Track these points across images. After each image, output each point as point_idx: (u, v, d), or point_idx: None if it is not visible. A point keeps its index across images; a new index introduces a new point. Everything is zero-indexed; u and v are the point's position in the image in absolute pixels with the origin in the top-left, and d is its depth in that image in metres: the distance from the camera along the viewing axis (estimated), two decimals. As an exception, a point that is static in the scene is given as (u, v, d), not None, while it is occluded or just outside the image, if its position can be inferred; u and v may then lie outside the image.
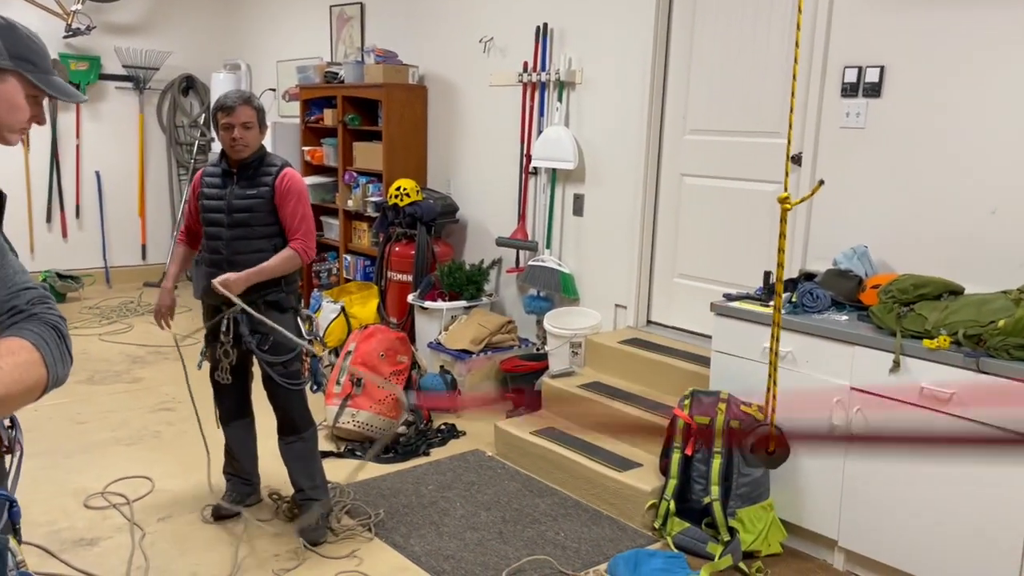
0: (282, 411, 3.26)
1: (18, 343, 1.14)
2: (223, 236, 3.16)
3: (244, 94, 3.16)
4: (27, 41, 1.52)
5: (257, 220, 3.13)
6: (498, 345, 4.84)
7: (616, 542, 3.29)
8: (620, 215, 4.54)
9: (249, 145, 3.12)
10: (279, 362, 3.17)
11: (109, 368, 5.28)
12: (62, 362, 1.20)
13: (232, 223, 3.14)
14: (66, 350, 1.22)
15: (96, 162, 7.48)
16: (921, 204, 3.33)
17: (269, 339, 3.15)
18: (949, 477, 2.79)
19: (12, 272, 1.22)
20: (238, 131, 3.08)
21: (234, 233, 3.14)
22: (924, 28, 3.26)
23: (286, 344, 3.15)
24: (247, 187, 3.14)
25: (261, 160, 3.17)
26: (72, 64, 7.15)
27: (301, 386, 3.25)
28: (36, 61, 1.53)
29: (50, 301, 1.24)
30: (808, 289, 3.26)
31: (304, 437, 3.28)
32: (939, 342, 2.77)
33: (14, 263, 1.23)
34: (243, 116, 3.08)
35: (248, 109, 3.10)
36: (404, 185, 5.23)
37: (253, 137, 3.13)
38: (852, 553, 3.11)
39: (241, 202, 3.13)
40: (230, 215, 3.14)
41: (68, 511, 3.43)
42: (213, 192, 3.20)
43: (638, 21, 4.33)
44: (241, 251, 3.13)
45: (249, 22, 7.63)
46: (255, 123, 3.13)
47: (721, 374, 3.42)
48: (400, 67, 5.57)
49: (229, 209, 3.14)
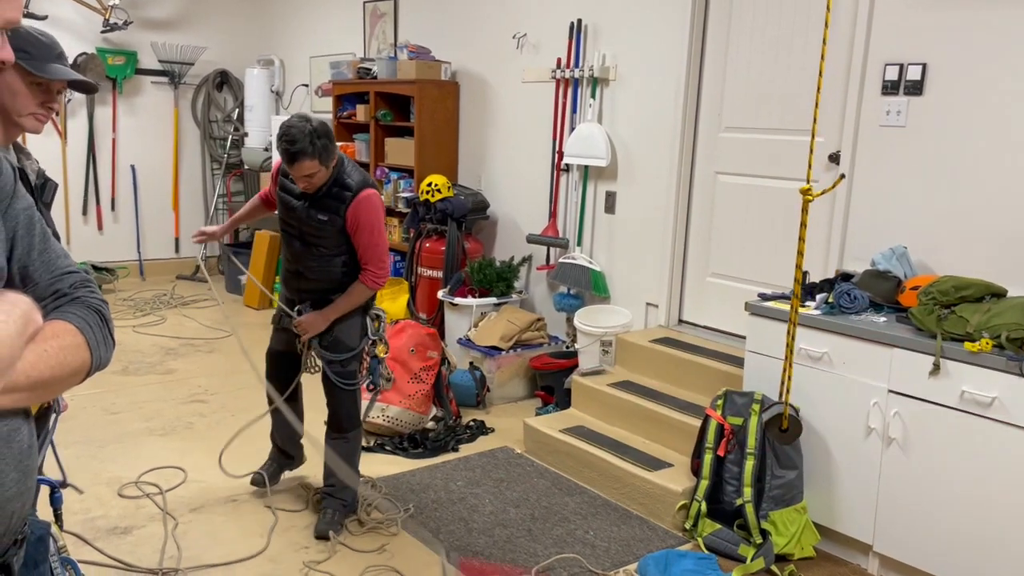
0: (332, 408, 3.27)
1: (62, 326, 1.15)
2: (295, 248, 3.18)
3: (303, 143, 2.88)
4: (27, 36, 1.84)
5: (327, 243, 3.11)
6: (528, 342, 4.82)
7: (646, 542, 3.26)
8: (652, 213, 4.51)
9: (316, 185, 3.03)
10: (337, 360, 3.19)
11: (142, 359, 5.34)
12: (105, 345, 1.21)
13: (304, 240, 3.14)
14: (108, 333, 1.23)
15: (131, 156, 7.58)
16: (962, 204, 3.26)
17: (331, 336, 3.17)
18: (991, 482, 2.73)
19: (55, 256, 1.23)
20: (303, 181, 3.01)
21: (306, 250, 3.15)
22: (967, 25, 3.19)
23: (346, 343, 3.18)
24: (320, 211, 3.07)
25: (335, 182, 3.06)
26: (109, 59, 7.24)
27: (355, 386, 3.25)
28: (32, 52, 1.84)
29: (92, 285, 1.26)
30: (845, 290, 3.21)
31: (348, 437, 3.29)
32: (981, 345, 2.72)
33: (57, 248, 1.25)
34: (304, 171, 2.95)
35: (307, 163, 2.92)
36: (435, 181, 5.24)
37: (320, 178, 3.02)
38: (887, 558, 3.05)
39: (312, 225, 3.10)
40: (301, 230, 3.14)
41: (103, 500, 3.47)
42: (289, 200, 3.14)
43: (673, 17, 4.29)
44: (312, 265, 3.16)
45: (283, 18, 7.68)
46: (318, 166, 2.97)
47: (755, 374, 3.38)
48: (433, 63, 5.57)
49: (300, 226, 3.13)
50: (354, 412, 3.29)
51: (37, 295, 1.17)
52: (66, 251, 1.27)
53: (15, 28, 1.81)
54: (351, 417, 3.28)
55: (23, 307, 1.07)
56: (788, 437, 3.10)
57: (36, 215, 1.23)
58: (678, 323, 4.52)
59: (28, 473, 1.14)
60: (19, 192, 1.20)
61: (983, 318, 2.79)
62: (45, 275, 1.21)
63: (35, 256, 1.21)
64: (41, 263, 1.21)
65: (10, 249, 1.18)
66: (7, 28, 1.12)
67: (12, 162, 1.24)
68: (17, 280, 1.19)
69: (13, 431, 1.10)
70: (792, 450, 3.18)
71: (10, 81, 1.82)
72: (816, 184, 3.37)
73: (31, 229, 1.21)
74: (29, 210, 1.21)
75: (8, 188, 1.18)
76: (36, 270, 1.21)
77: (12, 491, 1.10)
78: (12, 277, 1.18)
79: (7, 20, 1.11)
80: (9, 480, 1.09)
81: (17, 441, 1.11)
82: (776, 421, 3.08)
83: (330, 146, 2.99)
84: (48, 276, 1.21)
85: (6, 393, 1.04)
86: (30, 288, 1.19)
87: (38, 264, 1.21)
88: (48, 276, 1.21)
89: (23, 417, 1.14)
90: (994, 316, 2.77)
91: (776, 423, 3.08)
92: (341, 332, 3.18)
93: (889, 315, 3.16)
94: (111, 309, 1.31)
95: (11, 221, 1.18)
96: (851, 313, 3.17)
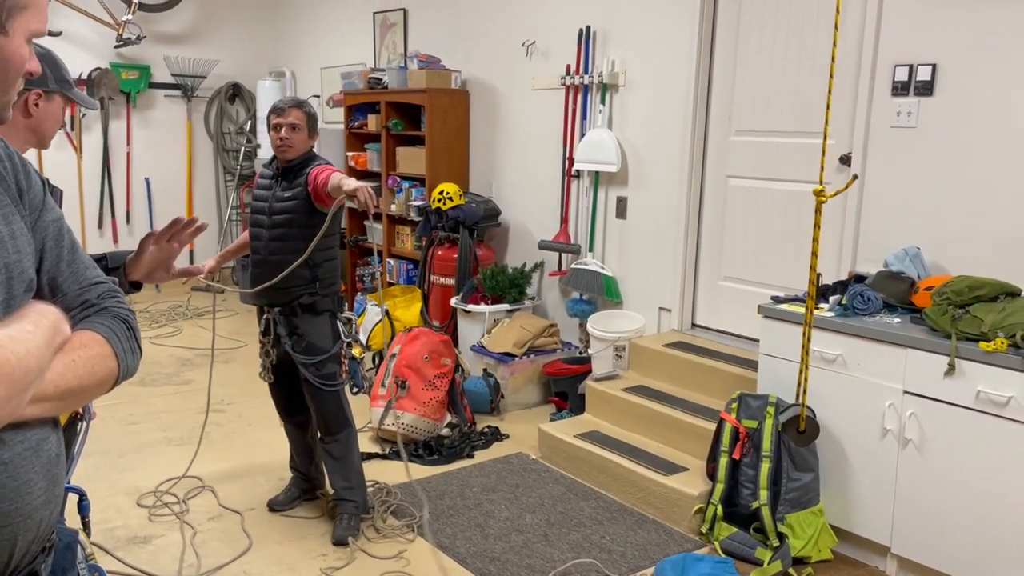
0: (316, 412, 3.30)
1: (90, 336, 1.17)
2: (262, 236, 3.22)
3: (297, 99, 3.23)
4: (62, 65, 1.96)
5: (295, 222, 3.16)
6: (541, 348, 4.84)
7: (663, 546, 3.26)
8: (664, 217, 4.52)
9: (294, 147, 3.17)
10: (311, 363, 3.22)
11: (159, 370, 5.39)
12: (132, 354, 1.23)
13: (272, 224, 3.19)
14: (135, 343, 1.25)
15: (146, 169, 7.65)
16: (975, 204, 3.26)
17: (304, 341, 3.21)
18: (1008, 482, 2.72)
19: (83, 267, 1.26)
20: (285, 131, 3.14)
21: (272, 234, 3.19)
22: (977, 24, 3.19)
23: (319, 346, 3.21)
24: (287, 189, 3.19)
25: (305, 163, 3.21)
26: (123, 73, 7.32)
27: (336, 388, 3.27)
28: (70, 80, 1.99)
29: (119, 295, 1.28)
30: (858, 291, 3.21)
31: (338, 438, 3.31)
32: (996, 344, 2.71)
33: (85, 258, 1.27)
34: (291, 117, 3.15)
35: (298, 112, 3.17)
36: (447, 189, 5.26)
37: (300, 140, 3.18)
38: (905, 560, 3.04)
39: (280, 204, 3.18)
40: (270, 216, 3.20)
41: (121, 509, 3.50)
42: (260, 193, 3.27)
43: (682, 22, 4.30)
44: (276, 252, 3.17)
45: (294, 30, 7.74)
46: (303, 126, 3.18)
47: (769, 377, 3.38)
48: (443, 72, 5.60)
49: (270, 211, 3.20)
50: (340, 413, 3.30)
51: (65, 305, 1.19)
52: (93, 262, 1.29)
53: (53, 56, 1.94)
54: (338, 419, 3.29)
55: (51, 318, 1.09)
56: (805, 439, 3.10)
57: (66, 226, 1.25)
58: (691, 327, 4.52)
59: (56, 481, 1.16)
60: (48, 204, 1.23)
61: (998, 317, 2.78)
62: (74, 286, 1.23)
63: (64, 267, 1.23)
64: (70, 274, 1.23)
65: (39, 260, 1.20)
66: (32, 39, 1.14)
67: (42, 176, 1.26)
68: (46, 291, 1.21)
69: (42, 440, 1.12)
70: (808, 452, 3.18)
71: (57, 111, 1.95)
72: (828, 186, 3.38)
73: (60, 240, 1.23)
74: (59, 221, 1.24)
75: (38, 200, 1.21)
76: (65, 281, 1.23)
77: (40, 499, 1.12)
78: (41, 288, 1.20)
79: (32, 32, 1.12)
80: (38, 488, 1.11)
81: (46, 450, 1.13)
82: (793, 423, 3.08)
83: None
84: (76, 287, 1.23)
85: (35, 403, 1.05)
86: (59, 298, 1.21)
87: (67, 275, 1.23)
88: (76, 287, 1.23)
89: (52, 426, 1.15)
90: (1009, 315, 2.76)
91: (793, 425, 3.08)
92: (311, 335, 3.20)
93: (903, 316, 3.15)
94: (132, 320, 1.32)
95: (41, 232, 1.20)
96: (865, 314, 3.17)
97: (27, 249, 1.15)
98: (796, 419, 3.06)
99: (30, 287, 1.15)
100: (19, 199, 1.17)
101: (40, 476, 1.12)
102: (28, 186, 1.19)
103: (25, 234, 1.16)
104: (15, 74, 1.12)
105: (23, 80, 1.15)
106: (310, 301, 3.21)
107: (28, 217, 1.18)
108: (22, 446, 1.09)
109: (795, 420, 3.07)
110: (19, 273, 1.12)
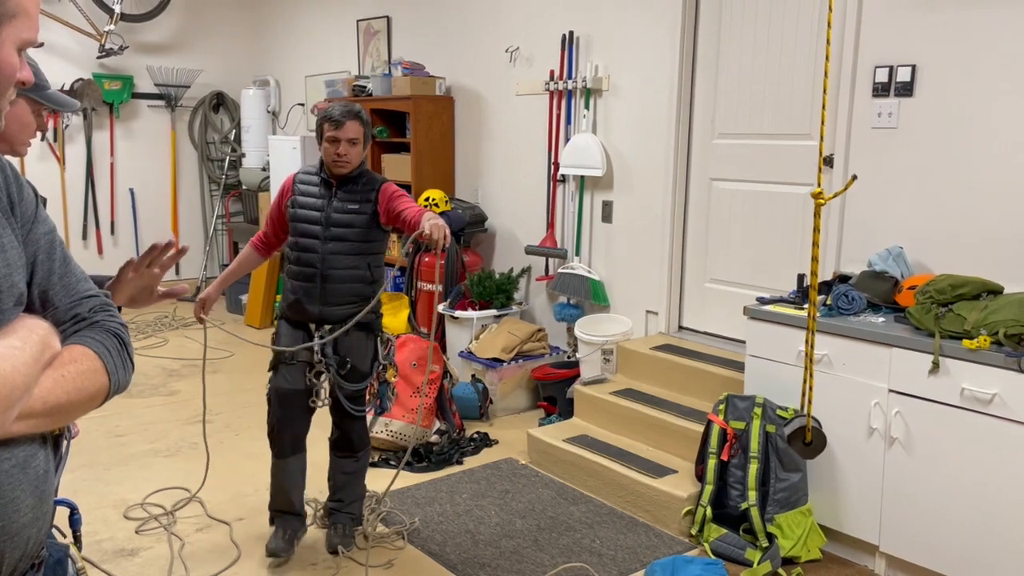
0: (344, 432, 3.22)
1: (80, 351, 1.16)
2: (318, 249, 3.04)
3: (354, 108, 3.02)
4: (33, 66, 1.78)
5: (356, 236, 3.04)
6: (529, 353, 4.84)
7: (653, 549, 3.27)
8: (649, 221, 4.53)
9: (351, 162, 3.03)
10: (354, 391, 3.11)
11: (146, 381, 5.36)
12: (123, 369, 1.22)
13: (329, 236, 3.04)
14: (127, 357, 1.23)
15: (130, 179, 7.61)
16: (956, 204, 3.29)
17: (348, 364, 3.09)
18: (994, 478, 2.75)
19: (75, 280, 1.24)
20: (343, 147, 2.99)
21: (330, 247, 3.04)
22: (955, 26, 3.23)
23: (361, 370, 3.11)
24: (349, 201, 3.04)
25: (362, 174, 3.08)
26: (106, 83, 7.29)
27: (364, 411, 3.22)
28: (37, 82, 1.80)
29: (112, 309, 1.26)
30: (843, 291, 3.23)
31: (358, 456, 3.27)
32: (979, 342, 2.74)
33: (77, 271, 1.26)
34: (350, 132, 2.98)
35: (356, 125, 3.00)
36: (433, 195, 5.27)
37: (357, 154, 3.03)
38: (894, 558, 3.06)
39: (342, 216, 3.04)
40: (328, 228, 3.04)
41: (109, 522, 3.48)
42: (309, 202, 3.08)
43: (664, 26, 4.33)
44: (336, 266, 3.04)
45: (277, 39, 7.73)
46: (361, 139, 3.03)
47: (756, 378, 3.40)
48: (427, 79, 5.61)
49: (327, 222, 3.04)
50: (365, 434, 3.27)
51: (56, 319, 1.18)
52: (85, 275, 1.27)
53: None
54: (363, 438, 3.26)
55: (40, 333, 1.09)
56: (812, 451, 2.98)
57: (58, 238, 1.24)
58: (678, 329, 4.54)
59: (44, 498, 1.15)
60: (40, 216, 1.21)
61: (980, 315, 2.81)
62: (65, 299, 1.22)
63: (55, 280, 1.22)
64: (61, 287, 1.22)
65: (31, 273, 1.18)
66: (24, 48, 1.13)
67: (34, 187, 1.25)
68: (37, 304, 1.19)
69: (30, 457, 1.11)
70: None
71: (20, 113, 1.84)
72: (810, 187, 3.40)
73: (52, 254, 1.22)
74: (51, 234, 1.22)
75: (30, 212, 1.19)
76: (56, 294, 1.21)
77: (28, 517, 1.11)
78: (32, 301, 1.19)
79: (23, 40, 1.11)
80: (25, 506, 1.10)
81: (33, 467, 1.12)
82: (799, 435, 2.98)
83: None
84: (68, 300, 1.22)
85: (22, 419, 1.04)
86: (50, 312, 1.20)
87: (58, 288, 1.22)
88: (68, 300, 1.22)
89: (40, 443, 1.14)
90: (991, 313, 2.79)
91: (799, 437, 2.98)
92: (355, 357, 3.09)
93: (887, 315, 3.18)
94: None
95: (32, 246, 1.19)
96: (849, 314, 3.19)
97: (17, 262, 1.14)
98: (802, 430, 2.96)
99: (20, 301, 1.14)
100: (10, 211, 1.16)
101: (28, 493, 1.11)
102: (20, 198, 1.18)
103: (16, 247, 1.15)
104: (6, 83, 1.11)
105: (15, 89, 1.15)
106: (368, 320, 3.06)
107: (20, 230, 1.17)
108: (9, 463, 1.08)
109: (801, 431, 2.96)
110: (8, 287, 1.11)
